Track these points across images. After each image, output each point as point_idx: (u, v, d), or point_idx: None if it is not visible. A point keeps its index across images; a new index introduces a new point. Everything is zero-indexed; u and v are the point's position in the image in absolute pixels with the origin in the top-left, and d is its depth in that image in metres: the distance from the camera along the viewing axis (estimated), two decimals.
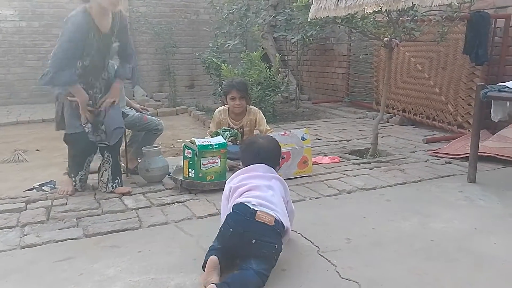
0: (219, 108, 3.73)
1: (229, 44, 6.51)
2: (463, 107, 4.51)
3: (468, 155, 3.14)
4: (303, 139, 3.24)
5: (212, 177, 2.94)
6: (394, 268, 1.88)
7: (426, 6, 2.85)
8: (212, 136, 3.38)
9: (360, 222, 2.39)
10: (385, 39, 3.57)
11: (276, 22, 7.20)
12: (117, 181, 2.98)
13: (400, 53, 5.31)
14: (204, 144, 2.93)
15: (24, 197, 2.85)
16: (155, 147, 3.27)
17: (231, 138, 3.45)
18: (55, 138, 5.16)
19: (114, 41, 2.87)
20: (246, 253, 1.80)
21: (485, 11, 4.34)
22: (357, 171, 3.37)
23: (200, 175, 2.92)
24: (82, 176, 2.98)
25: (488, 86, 2.89)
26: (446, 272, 1.85)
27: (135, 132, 3.47)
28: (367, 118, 5.94)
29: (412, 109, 5.27)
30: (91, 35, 2.70)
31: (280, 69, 6.60)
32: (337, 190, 2.92)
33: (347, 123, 5.60)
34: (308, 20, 3.13)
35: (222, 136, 3.29)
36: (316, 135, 4.84)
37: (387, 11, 3.13)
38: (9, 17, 7.77)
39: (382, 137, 4.54)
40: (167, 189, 3.01)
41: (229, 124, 3.61)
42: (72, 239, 2.22)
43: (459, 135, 4.32)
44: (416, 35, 3.57)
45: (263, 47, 6.63)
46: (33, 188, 3.21)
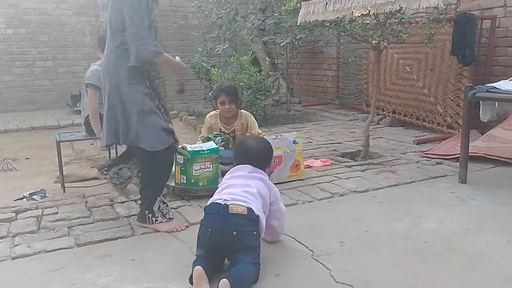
0: (210, 113, 3.72)
1: (218, 48, 6.52)
2: (452, 108, 4.56)
3: (458, 155, 3.17)
4: (294, 142, 3.25)
5: (205, 182, 2.93)
6: (388, 270, 1.89)
7: (413, 9, 2.88)
8: (203, 141, 3.37)
9: (353, 224, 2.39)
10: (373, 41, 3.59)
11: (265, 25, 7.22)
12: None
13: (389, 55, 5.35)
14: (195, 149, 2.92)
15: (14, 206, 2.81)
16: None
17: (223, 143, 3.43)
18: (44, 146, 5.13)
19: None
20: (231, 248, 1.84)
21: (471, 12, 4.39)
22: (349, 173, 3.38)
23: (192, 181, 2.91)
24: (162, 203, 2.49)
25: (476, 87, 2.93)
26: (440, 272, 1.86)
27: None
28: (358, 120, 5.97)
29: (402, 110, 5.31)
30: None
31: (270, 72, 6.61)
32: (329, 193, 2.92)
33: (338, 126, 5.63)
34: (297, 24, 3.13)
35: (214, 141, 3.28)
36: (308, 138, 4.85)
37: (374, 14, 3.15)
38: None
39: (373, 138, 4.57)
40: None
41: (220, 128, 3.60)
42: (64, 248, 2.19)
43: (449, 136, 4.36)
44: (404, 37, 3.61)
45: (252, 51, 6.64)
46: (23, 198, 3.17)
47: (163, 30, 8.26)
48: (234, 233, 1.83)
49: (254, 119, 3.66)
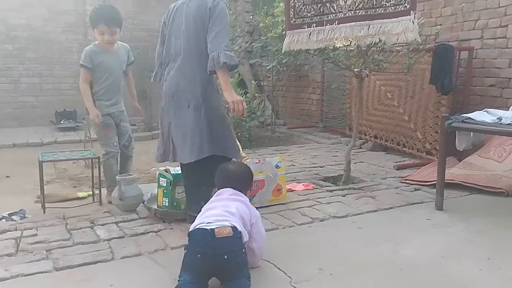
0: None
1: None
2: (431, 135, 4.68)
3: (435, 182, 3.26)
4: (277, 167, 3.30)
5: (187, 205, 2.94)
6: None
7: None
8: None
9: (332, 251, 2.43)
10: (355, 69, 3.71)
11: (252, 48, 7.35)
12: None
13: (371, 81, 5.49)
14: (178, 172, 2.94)
15: None
16: (130, 175, 3.26)
17: None
18: (26, 164, 5.06)
19: None
20: (223, 270, 1.91)
21: (449, 43, 4.57)
22: (330, 198, 3.43)
23: (175, 203, 2.92)
24: None
25: (452, 117, 3.04)
26: None
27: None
28: (341, 143, 6.07)
29: (384, 135, 5.43)
30: None
31: (256, 94, 6.71)
32: (310, 218, 2.97)
33: (321, 149, 5.71)
34: (282, 51, 3.22)
35: None
36: (291, 161, 4.91)
37: (356, 44, 3.27)
38: None
39: (355, 163, 4.65)
40: (140, 218, 3.00)
41: None
42: (42, 272, 2.17)
43: (428, 162, 4.47)
44: (385, 66, 3.73)
45: (239, 73, 6.74)
46: (2, 218, 3.12)
47: (151, 50, 8.32)
48: (225, 256, 1.89)
49: (238, 143, 3.70)
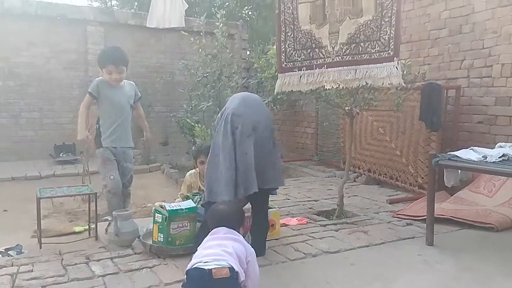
0: (190, 172, 3.84)
1: (203, 105, 6.75)
2: (423, 169, 4.78)
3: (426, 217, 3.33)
4: None
5: (182, 241, 2.99)
6: None
7: None
8: (182, 200, 3.46)
9: (324, 287, 2.47)
10: (346, 108, 3.84)
11: (248, 84, 7.56)
12: None
13: (364, 117, 5.64)
14: (174, 208, 3.01)
15: None
16: (126, 210, 3.32)
17: (201, 202, 3.53)
18: (24, 198, 5.10)
19: None
20: None
21: (437, 81, 4.75)
22: (323, 233, 3.48)
23: (170, 239, 2.97)
24: None
25: (439, 155, 3.14)
26: None
27: None
28: (335, 176, 6.15)
29: (377, 169, 5.52)
30: None
31: None
32: (303, 253, 3.01)
33: (316, 182, 5.79)
34: (275, 92, 3.37)
35: (192, 200, 3.38)
36: (286, 194, 4.98)
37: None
38: None
39: (349, 196, 4.72)
40: (136, 253, 3.03)
41: (199, 187, 3.71)
42: None
43: (420, 196, 4.54)
44: (374, 104, 3.87)
45: None
46: None
47: (150, 86, 8.53)
48: None
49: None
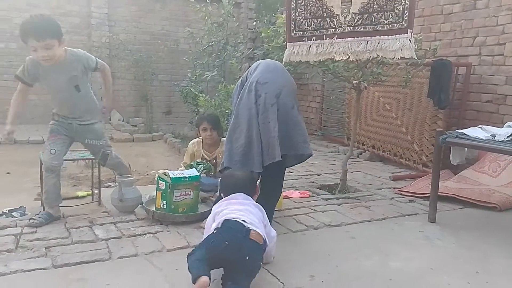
0: (193, 140, 3.82)
1: (207, 75, 6.67)
2: (428, 147, 4.75)
3: (429, 194, 3.32)
4: None
5: (184, 209, 3.00)
6: None
7: None
8: (186, 168, 3.45)
9: (325, 259, 2.49)
10: (354, 82, 3.78)
11: (254, 55, 7.43)
12: None
13: (370, 92, 5.57)
14: (177, 176, 3.00)
15: None
16: (129, 177, 3.32)
17: (205, 171, 3.53)
18: (26, 161, 5.13)
19: None
20: (236, 267, 1.99)
21: (448, 58, 4.65)
22: (325, 206, 3.49)
23: (172, 207, 2.98)
24: None
25: (446, 133, 3.10)
26: None
27: None
28: (338, 152, 6.13)
29: (381, 146, 5.49)
30: None
31: None
32: (305, 225, 3.02)
33: (319, 157, 5.77)
34: (283, 62, 3.30)
35: (196, 168, 3.37)
36: (288, 168, 4.96)
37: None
38: None
39: (352, 172, 4.72)
40: (138, 219, 3.05)
41: (202, 155, 3.70)
42: (40, 269, 2.22)
43: (423, 174, 4.53)
44: (383, 79, 3.80)
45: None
46: (2, 214, 3.18)
47: (154, 53, 8.41)
48: (247, 257, 1.99)
49: None
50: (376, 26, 2.97)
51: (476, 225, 3.19)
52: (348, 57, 2.98)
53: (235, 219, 2.12)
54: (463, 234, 2.97)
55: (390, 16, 2.94)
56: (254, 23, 8.93)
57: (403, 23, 2.86)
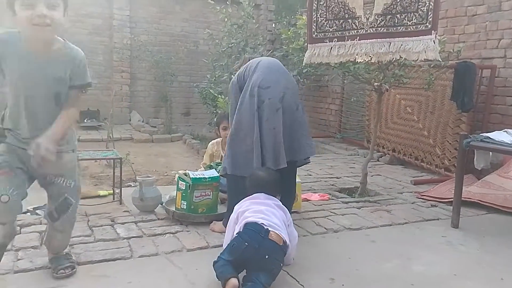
0: (212, 141, 3.84)
1: (226, 76, 6.69)
2: (450, 151, 4.67)
3: (452, 199, 3.26)
4: None
5: (204, 209, 3.02)
6: None
7: None
8: (205, 169, 3.47)
9: (345, 262, 2.47)
10: (375, 84, 3.74)
11: (273, 57, 7.42)
12: None
13: (391, 95, 5.50)
14: (197, 177, 3.02)
15: (18, 220, 2.85)
16: (149, 176, 3.36)
17: (221, 173, 3.53)
18: None
19: None
20: (257, 266, 2.03)
21: (471, 61, 4.56)
22: (345, 210, 3.46)
23: (192, 207, 3.00)
24: None
25: (471, 136, 3.04)
26: None
27: None
28: (358, 155, 6.08)
29: (402, 149, 5.42)
30: None
31: None
32: (324, 228, 3.00)
33: (338, 160, 5.73)
34: (303, 64, 3.29)
35: (216, 169, 3.38)
36: (308, 170, 4.94)
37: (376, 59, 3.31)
38: None
39: (372, 175, 4.66)
40: (159, 219, 3.08)
41: (221, 156, 3.71)
42: None
43: (445, 178, 4.45)
44: (405, 82, 3.75)
45: None
46: (27, 212, 3.24)
47: (174, 54, 8.49)
48: (266, 256, 2.03)
49: None
50: (399, 28, 2.94)
51: (500, 230, 3.11)
52: (370, 58, 2.95)
53: (255, 222, 2.16)
54: (487, 239, 2.90)
55: (414, 18, 2.90)
56: (273, 25, 8.93)
57: (427, 24, 2.82)
